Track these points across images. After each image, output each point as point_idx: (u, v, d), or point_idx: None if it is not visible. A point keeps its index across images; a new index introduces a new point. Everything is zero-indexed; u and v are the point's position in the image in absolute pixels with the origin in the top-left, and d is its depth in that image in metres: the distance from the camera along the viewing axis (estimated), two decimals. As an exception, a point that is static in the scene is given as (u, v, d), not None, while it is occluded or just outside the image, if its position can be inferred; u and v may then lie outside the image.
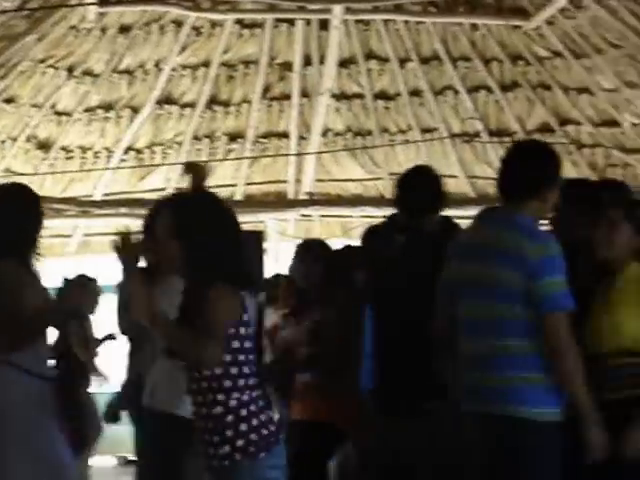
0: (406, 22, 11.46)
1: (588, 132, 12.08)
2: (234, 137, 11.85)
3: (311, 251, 6.12)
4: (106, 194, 11.69)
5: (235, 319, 3.51)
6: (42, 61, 11.20)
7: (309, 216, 12.05)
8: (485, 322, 3.85)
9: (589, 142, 12.14)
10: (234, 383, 3.50)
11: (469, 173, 12.37)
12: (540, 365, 3.76)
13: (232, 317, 3.49)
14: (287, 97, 11.81)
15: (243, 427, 3.48)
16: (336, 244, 6.68)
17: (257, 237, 8.42)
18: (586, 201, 4.36)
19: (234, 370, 3.51)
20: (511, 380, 3.77)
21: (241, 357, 3.52)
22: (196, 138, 11.78)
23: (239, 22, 11.48)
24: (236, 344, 3.51)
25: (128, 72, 11.51)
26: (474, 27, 11.52)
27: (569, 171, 12.22)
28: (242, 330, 3.53)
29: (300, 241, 6.80)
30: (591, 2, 10.44)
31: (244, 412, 3.50)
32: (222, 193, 11.46)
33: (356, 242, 5.87)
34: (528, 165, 3.92)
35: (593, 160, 12.31)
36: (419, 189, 4.91)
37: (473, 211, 4.38)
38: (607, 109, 11.86)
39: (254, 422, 3.50)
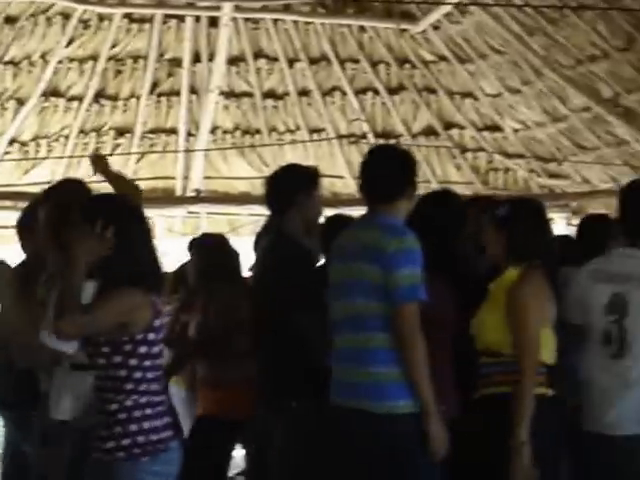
0: (295, 22, 11.53)
1: (471, 136, 12.35)
2: (122, 132, 11.75)
3: (202, 246, 6.17)
4: (-12, 186, 11.49)
5: (143, 324, 3.53)
6: None
7: (197, 213, 12.03)
8: (350, 318, 3.94)
9: (472, 146, 12.41)
10: (135, 386, 3.54)
11: (356, 174, 12.48)
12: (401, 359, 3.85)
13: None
14: (176, 93, 11.77)
15: (133, 427, 3.51)
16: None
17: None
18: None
19: (138, 374, 3.54)
20: (373, 375, 3.86)
21: (146, 363, 3.55)
22: (82, 132, 11.65)
23: (128, 16, 11.40)
24: (143, 349, 3.54)
25: (13, 63, 11.32)
26: (362, 29, 11.65)
27: (453, 175, 12.53)
28: (151, 336, 3.56)
29: (195, 236, 6.87)
30: (476, 8, 10.63)
31: (137, 414, 3.53)
32: (108, 188, 11.42)
33: (243, 240, 5.91)
34: (391, 167, 4.09)
35: (476, 164, 12.60)
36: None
37: (360, 211, 4.46)
38: (490, 114, 12.15)
39: (145, 425, 3.52)
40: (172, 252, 6.92)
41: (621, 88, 10.47)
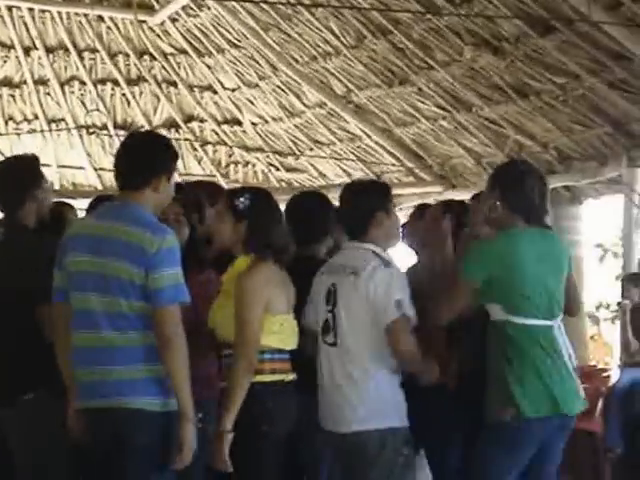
0: (31, 9, 11.32)
1: (212, 129, 12.50)
2: None
3: None
4: None
5: None
6: None
7: None
8: (97, 314, 3.78)
9: (213, 140, 12.57)
10: None
11: (96, 165, 12.44)
12: (150, 357, 3.75)
13: None
14: None
15: None
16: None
17: None
18: None
19: None
20: (123, 373, 3.75)
21: None
22: None
23: None
24: None
25: None
26: (100, 19, 11.58)
27: (194, 168, 12.64)
28: None
29: None
30: (213, 2, 10.75)
31: None
32: None
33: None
34: (142, 154, 3.94)
35: (216, 157, 12.78)
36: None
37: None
38: (229, 108, 12.33)
39: None
40: None
41: (352, 85, 10.85)
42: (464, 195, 8.35)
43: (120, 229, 3.78)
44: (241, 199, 4.14)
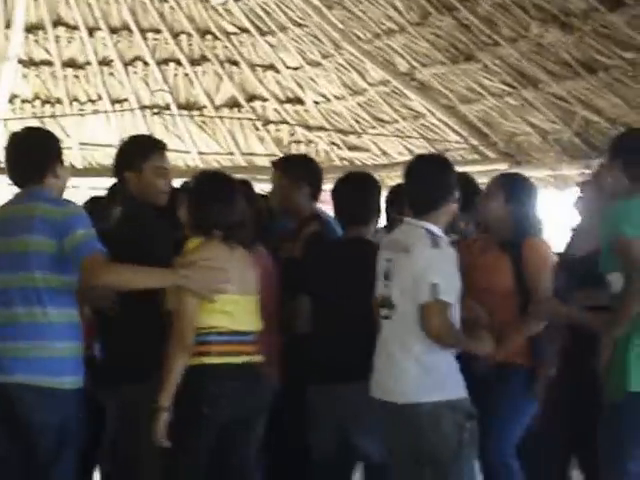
0: (95, -10, 11.40)
1: (274, 109, 12.49)
2: None
3: None
4: None
5: None
6: None
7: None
8: (11, 290, 3.92)
9: (275, 119, 12.55)
10: None
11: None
12: (60, 334, 3.91)
13: None
14: (-28, 61, 11.46)
15: None
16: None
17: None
18: None
19: None
20: (31, 350, 3.87)
21: None
22: None
23: None
24: None
25: None
26: (163, -1, 11.63)
27: (256, 147, 12.65)
28: None
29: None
30: (275, -20, 10.75)
31: None
32: None
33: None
34: (34, 150, 4.12)
35: (278, 136, 12.75)
36: None
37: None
38: (292, 87, 12.31)
39: None
40: None
41: (416, 62, 10.78)
42: (530, 172, 8.26)
43: (26, 208, 3.96)
44: (187, 182, 4.28)
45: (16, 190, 4.18)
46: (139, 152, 4.51)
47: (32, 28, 11.46)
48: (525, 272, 4.58)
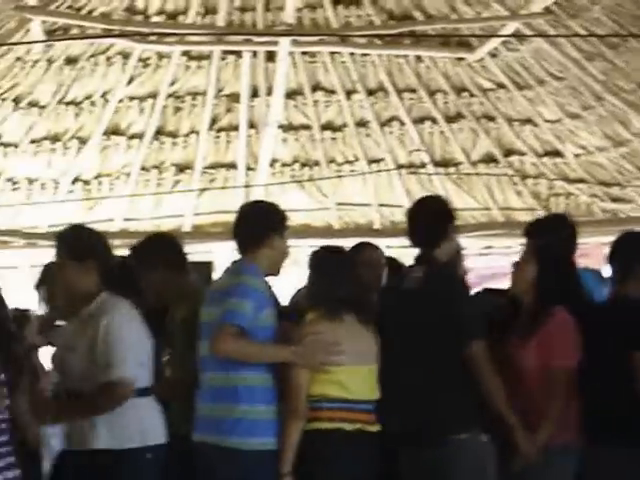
0: (352, 54, 11.58)
1: (532, 162, 12.26)
2: (182, 168, 11.86)
3: None
4: (52, 225, 11.61)
5: None
6: (-12, 92, 11.18)
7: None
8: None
9: (533, 173, 12.32)
10: None
11: (416, 203, 12.47)
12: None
13: None
14: (234, 128, 11.86)
15: None
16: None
17: (206, 268, 8.44)
18: None
19: None
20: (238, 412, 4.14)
21: None
22: (144, 169, 11.78)
23: (186, 54, 11.54)
24: None
25: (75, 103, 11.49)
26: (419, 59, 11.67)
27: (514, 202, 12.43)
28: None
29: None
30: (533, 35, 10.58)
31: None
32: (170, 224, 11.52)
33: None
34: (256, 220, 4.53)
35: (537, 190, 12.49)
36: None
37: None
38: (550, 140, 12.05)
39: None
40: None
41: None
42: None
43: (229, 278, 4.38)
44: None
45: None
46: None
47: (292, 94, 11.77)
48: None
